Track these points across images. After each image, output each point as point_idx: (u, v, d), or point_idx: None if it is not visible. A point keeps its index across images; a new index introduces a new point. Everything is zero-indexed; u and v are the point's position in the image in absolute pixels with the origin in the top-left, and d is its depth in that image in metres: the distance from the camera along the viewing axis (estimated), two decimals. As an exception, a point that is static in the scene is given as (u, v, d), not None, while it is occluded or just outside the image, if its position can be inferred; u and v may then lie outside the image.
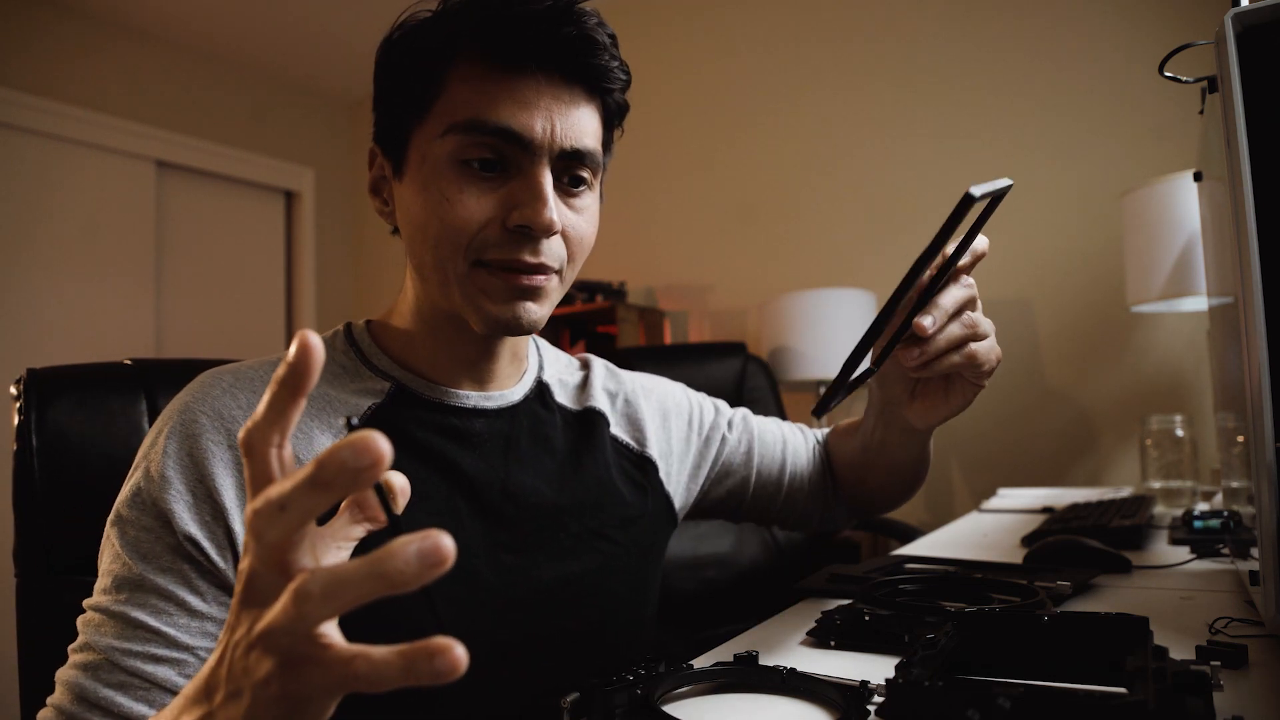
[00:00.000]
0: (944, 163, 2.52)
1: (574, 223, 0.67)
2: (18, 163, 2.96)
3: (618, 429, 0.82)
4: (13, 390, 0.78)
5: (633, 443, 0.82)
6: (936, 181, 2.53)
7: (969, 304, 0.64)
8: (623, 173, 3.16)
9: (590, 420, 0.80)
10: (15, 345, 2.89)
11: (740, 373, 2.05)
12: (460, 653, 0.29)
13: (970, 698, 0.44)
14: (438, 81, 0.64)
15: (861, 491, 0.93)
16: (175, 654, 0.56)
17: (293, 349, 0.32)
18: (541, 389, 0.78)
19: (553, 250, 0.65)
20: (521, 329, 0.66)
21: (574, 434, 0.78)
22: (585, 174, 0.67)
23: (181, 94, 3.45)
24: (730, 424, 0.91)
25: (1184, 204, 1.71)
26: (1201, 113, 0.74)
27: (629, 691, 0.53)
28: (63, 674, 0.56)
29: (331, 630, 0.33)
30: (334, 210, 4.03)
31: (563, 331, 3.01)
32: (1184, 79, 0.74)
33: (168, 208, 3.43)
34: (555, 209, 0.63)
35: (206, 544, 0.59)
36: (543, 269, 0.65)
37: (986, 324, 0.66)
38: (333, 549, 0.38)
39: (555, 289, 0.67)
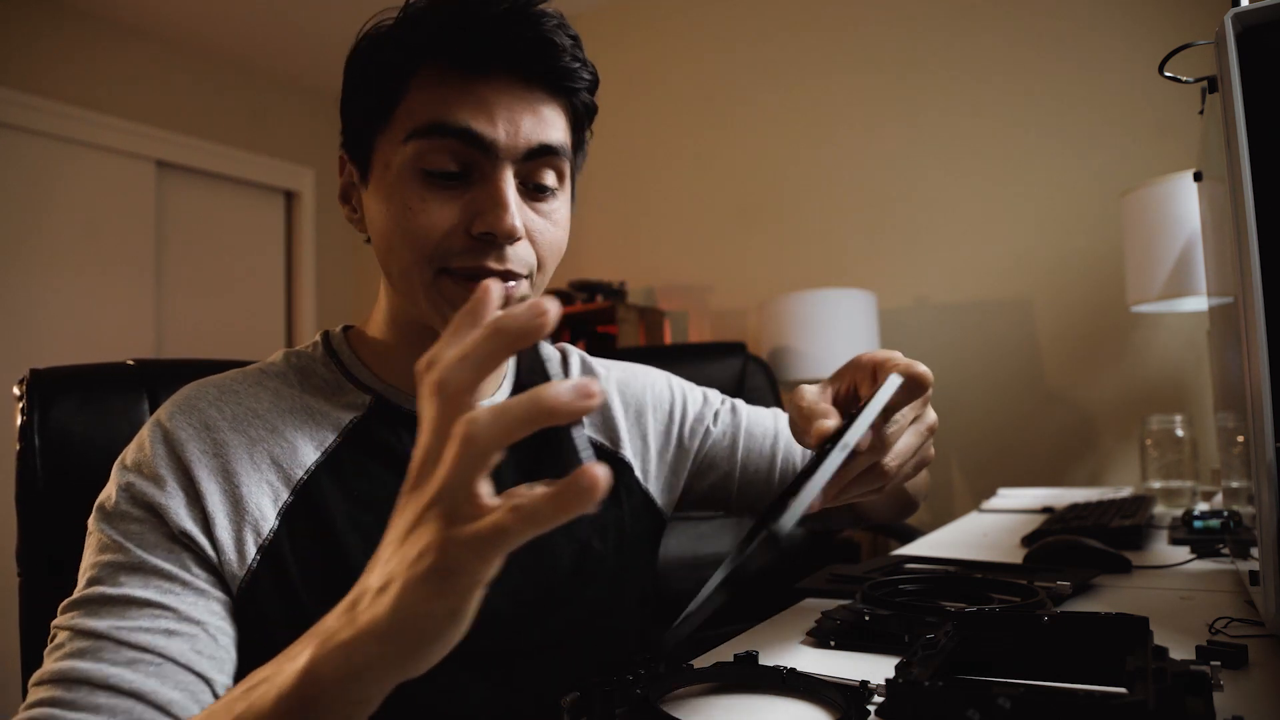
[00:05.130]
0: (945, 163, 2.52)
1: (541, 228, 0.66)
2: (18, 163, 2.96)
3: (591, 429, 0.80)
4: (16, 390, 0.78)
5: (606, 443, 0.81)
6: (937, 181, 2.53)
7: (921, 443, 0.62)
8: (623, 173, 3.19)
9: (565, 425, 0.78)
10: (15, 345, 2.89)
11: (740, 373, 2.05)
12: (600, 471, 0.33)
13: (970, 698, 0.44)
14: (399, 88, 0.64)
15: (858, 508, 0.90)
16: (188, 628, 0.55)
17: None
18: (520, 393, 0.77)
19: (519, 256, 0.64)
20: None
21: (546, 438, 0.76)
22: (551, 175, 0.66)
23: (181, 94, 3.45)
24: (716, 416, 0.87)
25: (1184, 204, 1.71)
26: (1201, 113, 0.74)
27: (629, 691, 0.53)
28: (44, 672, 0.53)
29: (488, 491, 0.35)
30: (334, 210, 4.02)
31: (563, 332, 3.01)
32: (1184, 79, 0.74)
33: (168, 208, 3.43)
34: (518, 215, 0.62)
35: (201, 539, 0.59)
36: (509, 276, 0.64)
37: (930, 447, 0.65)
38: None
39: (526, 296, 0.66)
